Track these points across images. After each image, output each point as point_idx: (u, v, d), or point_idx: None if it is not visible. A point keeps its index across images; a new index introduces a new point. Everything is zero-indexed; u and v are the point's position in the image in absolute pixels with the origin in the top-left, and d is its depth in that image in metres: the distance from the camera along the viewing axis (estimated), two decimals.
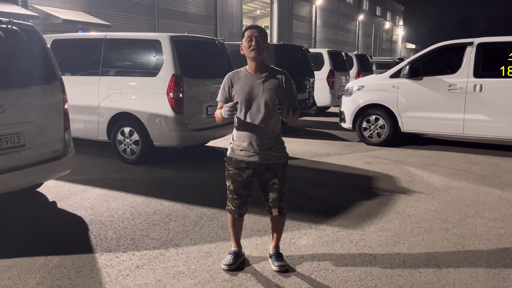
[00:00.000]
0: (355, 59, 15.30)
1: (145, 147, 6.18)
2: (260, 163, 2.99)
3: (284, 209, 3.12)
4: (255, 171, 3.03)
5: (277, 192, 3.06)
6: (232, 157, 3.05)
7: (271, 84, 2.94)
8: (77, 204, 4.52)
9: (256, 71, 2.98)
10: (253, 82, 2.95)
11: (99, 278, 3.02)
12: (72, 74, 6.57)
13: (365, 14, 52.55)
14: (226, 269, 3.15)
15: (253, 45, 2.89)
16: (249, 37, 2.91)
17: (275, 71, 3.01)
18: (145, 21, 20.07)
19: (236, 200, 3.10)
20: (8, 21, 3.95)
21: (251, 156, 2.98)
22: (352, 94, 8.17)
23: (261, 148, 2.96)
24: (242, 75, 3.00)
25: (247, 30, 2.96)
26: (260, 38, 2.91)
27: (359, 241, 3.69)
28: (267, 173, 3.03)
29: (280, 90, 2.95)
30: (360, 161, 6.72)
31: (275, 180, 3.04)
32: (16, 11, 12.36)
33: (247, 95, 2.93)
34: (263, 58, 2.97)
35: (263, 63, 2.99)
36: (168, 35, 6.13)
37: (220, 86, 3.09)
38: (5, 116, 3.78)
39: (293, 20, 34.69)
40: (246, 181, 3.06)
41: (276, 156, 3.02)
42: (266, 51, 2.96)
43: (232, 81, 3.00)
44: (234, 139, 3.06)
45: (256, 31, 2.92)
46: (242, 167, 3.02)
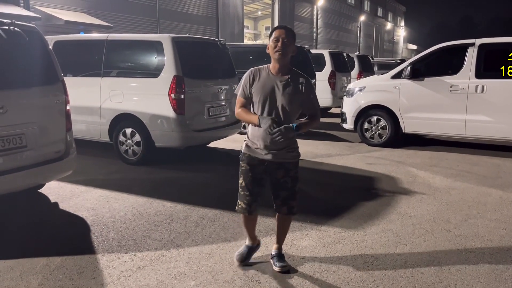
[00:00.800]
0: (356, 60, 15.30)
1: (146, 148, 6.18)
2: (273, 161, 3.01)
3: (294, 208, 3.13)
4: (267, 169, 3.05)
5: (288, 190, 3.08)
6: (245, 153, 3.07)
7: (291, 89, 2.93)
8: (79, 205, 4.53)
9: (278, 73, 2.96)
10: (274, 84, 2.94)
11: (101, 279, 3.02)
12: (74, 75, 6.57)
13: (366, 15, 52.55)
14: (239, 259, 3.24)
15: (278, 46, 2.88)
16: (276, 37, 2.90)
17: (298, 75, 3.00)
18: (146, 22, 20.11)
19: (247, 197, 3.08)
20: (10, 23, 3.97)
21: (265, 154, 3.00)
22: (354, 95, 8.16)
23: (274, 148, 2.97)
24: (264, 74, 2.98)
25: (275, 30, 2.95)
26: (287, 40, 2.89)
27: (361, 242, 3.69)
28: (279, 171, 3.05)
29: (299, 95, 2.95)
30: (361, 162, 6.71)
31: (287, 179, 3.05)
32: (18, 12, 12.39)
33: (266, 96, 2.93)
34: (287, 61, 2.95)
35: (287, 65, 2.98)
36: (170, 36, 6.14)
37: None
38: (7, 117, 3.79)
39: (294, 21, 34.68)
40: (258, 178, 3.07)
41: (288, 156, 3.04)
42: (292, 53, 2.95)
43: (254, 77, 2.98)
44: (250, 137, 3.07)
45: (284, 32, 2.91)
46: (254, 164, 3.05)
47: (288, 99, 2.92)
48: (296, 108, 3.00)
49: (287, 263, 3.22)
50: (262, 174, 3.07)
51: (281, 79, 2.95)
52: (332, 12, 42.50)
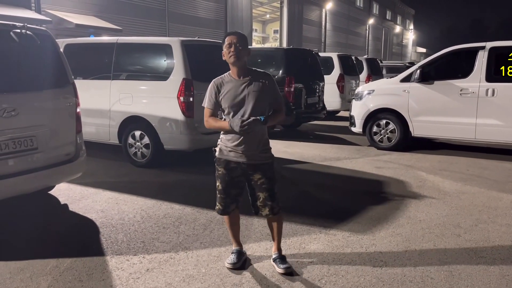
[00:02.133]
0: (365, 63, 15.25)
1: (155, 151, 6.21)
2: (248, 163, 3.06)
3: (275, 208, 3.14)
4: (243, 171, 3.10)
5: (266, 192, 3.09)
6: (221, 158, 3.14)
7: (255, 87, 3.01)
8: (88, 207, 4.56)
9: (239, 76, 3.05)
10: (238, 87, 3.02)
11: (109, 281, 3.04)
12: (84, 78, 6.63)
13: (375, 18, 52.40)
14: (231, 267, 3.22)
15: (232, 51, 2.97)
16: (229, 43, 2.99)
17: (258, 73, 3.09)
18: (156, 26, 20.24)
19: (225, 199, 3.19)
20: (22, 26, 4.02)
21: (239, 156, 3.06)
22: (362, 98, 8.14)
23: (248, 149, 3.04)
24: (227, 80, 3.07)
25: (227, 36, 3.04)
26: (239, 44, 2.98)
27: (370, 246, 3.67)
28: (256, 173, 3.08)
29: (265, 92, 3.02)
30: (370, 165, 6.68)
31: (264, 180, 3.08)
32: (29, 15, 12.54)
33: (234, 99, 3.01)
34: (244, 63, 3.03)
35: (244, 68, 3.05)
36: (179, 40, 6.17)
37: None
38: (18, 119, 3.83)
39: (302, 24, 34.69)
40: (235, 180, 3.14)
41: (262, 157, 3.09)
42: (246, 56, 3.03)
43: (218, 87, 3.07)
44: (222, 140, 3.14)
45: (235, 37, 3.00)
46: (231, 167, 3.12)
47: (255, 98, 2.99)
48: (266, 106, 3.06)
49: (290, 264, 3.21)
50: (239, 176, 3.13)
51: (244, 80, 3.03)
52: (340, 15, 42.44)
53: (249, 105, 2.99)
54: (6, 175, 3.77)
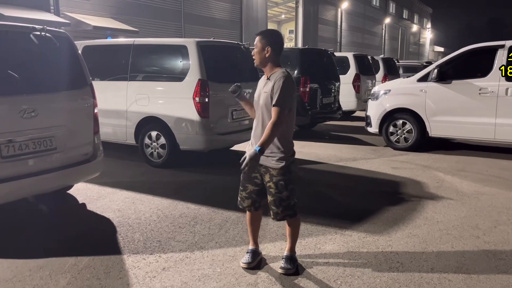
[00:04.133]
0: (381, 62, 15.10)
1: (171, 151, 6.26)
2: (260, 164, 3.04)
3: (279, 215, 3.09)
4: (258, 170, 3.11)
5: (272, 196, 3.07)
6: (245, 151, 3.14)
7: (266, 87, 3.02)
8: (106, 206, 4.62)
9: (266, 75, 3.09)
10: (261, 86, 3.10)
11: (126, 280, 3.08)
12: (101, 79, 6.73)
13: (391, 17, 51.84)
14: (245, 267, 3.23)
15: (252, 54, 3.07)
16: (255, 43, 3.06)
17: (275, 74, 2.99)
18: (171, 27, 20.40)
19: (241, 192, 3.22)
20: (42, 28, 4.10)
21: None
22: (379, 98, 8.06)
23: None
24: (261, 79, 3.17)
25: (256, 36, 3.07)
26: (257, 46, 3.02)
27: (386, 247, 3.64)
28: (266, 175, 3.08)
29: (271, 92, 2.95)
30: (386, 166, 6.62)
31: (271, 184, 3.06)
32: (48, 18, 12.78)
33: (255, 98, 3.12)
34: (265, 64, 3.03)
35: (270, 67, 3.04)
36: (195, 41, 6.21)
37: (246, 90, 3.24)
38: (38, 120, 3.91)
39: (318, 24, 34.54)
40: (251, 176, 3.15)
41: (271, 160, 3.02)
42: (267, 57, 3.00)
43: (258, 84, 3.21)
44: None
45: (257, 39, 3.04)
46: None
47: (264, 98, 3.00)
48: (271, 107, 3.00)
49: (294, 267, 3.18)
50: (255, 173, 3.14)
51: (264, 81, 3.09)
52: (356, 15, 42.12)
53: (261, 105, 3.03)
54: (26, 174, 3.85)
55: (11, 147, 3.73)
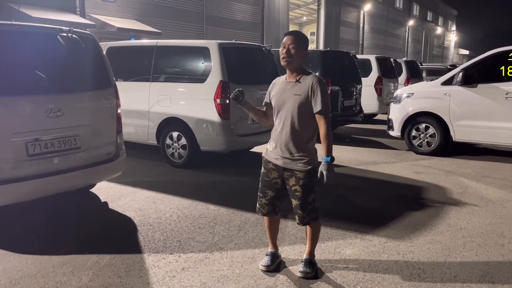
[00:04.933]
0: (404, 65, 14.89)
1: (192, 151, 6.31)
2: (284, 167, 3.02)
3: (305, 218, 3.06)
4: (280, 174, 3.07)
5: (298, 200, 3.03)
6: (264, 157, 3.17)
7: (298, 90, 2.95)
8: (127, 205, 4.69)
9: (290, 77, 3.03)
10: (285, 88, 3.01)
11: (147, 278, 3.11)
12: (125, 80, 6.83)
13: (415, 20, 51.06)
14: (264, 270, 3.22)
15: (284, 54, 2.94)
16: (283, 44, 2.95)
17: (307, 76, 2.96)
18: (194, 29, 20.57)
19: (261, 199, 3.19)
20: (69, 30, 4.19)
21: (276, 159, 3.05)
22: (401, 102, 7.95)
23: (284, 152, 3.01)
24: (280, 81, 3.10)
25: (284, 36, 3.00)
26: (293, 47, 2.92)
27: (407, 253, 3.58)
28: (291, 178, 3.03)
29: (306, 96, 2.92)
30: (408, 170, 6.52)
31: (297, 187, 3.02)
32: (74, 20, 13.06)
33: (278, 100, 3.02)
34: (296, 66, 2.97)
35: (297, 70, 2.99)
36: (217, 42, 6.25)
37: (266, 92, 3.20)
38: (63, 119, 3.99)
39: (340, 26, 34.32)
40: (272, 182, 3.12)
41: (298, 163, 3.00)
42: (301, 59, 2.96)
43: (272, 86, 3.14)
44: (269, 141, 3.17)
45: (290, 39, 2.94)
46: (269, 168, 3.11)
47: (295, 101, 2.93)
48: (305, 110, 2.93)
49: (313, 270, 3.15)
50: (276, 179, 3.09)
51: (291, 83, 3.00)
52: (379, 17, 41.66)
53: (289, 108, 2.95)
54: (51, 172, 3.94)
55: (37, 145, 3.82)
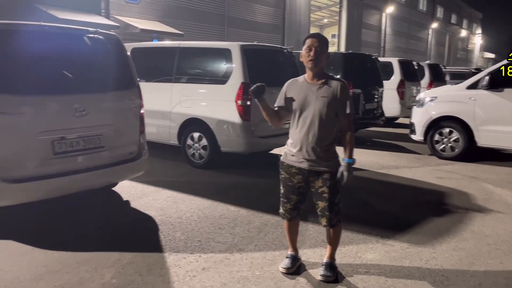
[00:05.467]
0: (427, 68, 14.65)
1: (212, 152, 6.35)
2: (310, 170, 3.00)
3: (334, 219, 3.06)
4: (304, 177, 3.04)
5: (326, 201, 3.01)
6: (284, 162, 3.13)
7: (325, 92, 2.95)
8: (148, 205, 4.74)
9: (313, 79, 3.01)
10: (308, 90, 2.99)
11: (167, 277, 3.14)
12: (147, 80, 6.91)
13: (439, 22, 50.20)
14: (284, 272, 3.21)
15: (311, 55, 2.93)
16: (309, 46, 2.95)
17: (332, 79, 3.00)
18: (215, 30, 20.70)
19: (286, 204, 3.16)
20: (95, 31, 4.28)
21: (301, 162, 3.02)
22: (424, 105, 7.83)
23: (310, 155, 2.98)
24: (299, 83, 3.07)
25: (308, 38, 2.99)
26: (320, 48, 2.93)
27: (430, 260, 3.51)
28: (317, 181, 3.02)
29: (334, 99, 2.94)
30: (431, 175, 6.41)
31: (324, 189, 3.00)
32: (99, 21, 13.29)
33: (301, 102, 2.99)
34: (321, 68, 2.98)
35: (321, 72, 3.00)
36: (238, 44, 6.27)
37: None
38: (88, 119, 4.07)
39: (362, 29, 34.01)
40: (296, 186, 3.09)
41: (325, 165, 2.99)
42: (325, 60, 2.97)
43: (288, 88, 3.10)
44: (288, 144, 3.13)
45: (317, 41, 2.94)
46: (292, 172, 3.07)
47: (322, 103, 2.93)
48: (332, 113, 2.95)
49: (333, 274, 3.13)
50: (300, 183, 3.07)
51: (315, 84, 2.98)
52: (401, 19, 41.13)
53: (314, 110, 2.95)
54: (75, 170, 4.01)
55: (63, 144, 3.90)
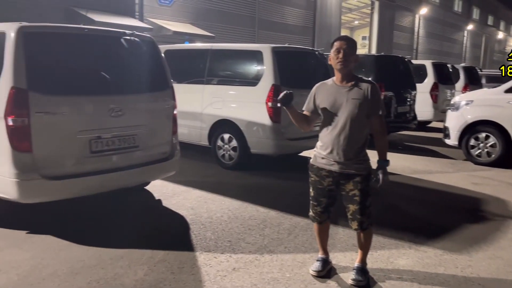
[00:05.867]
0: (462, 71, 14.24)
1: (242, 154, 6.38)
2: (341, 172, 2.98)
3: (365, 223, 3.02)
4: (335, 180, 3.03)
5: (357, 204, 2.98)
6: (314, 164, 3.12)
7: (355, 94, 2.93)
8: (180, 204, 4.81)
9: (342, 81, 3.00)
10: (338, 92, 2.98)
11: (199, 276, 3.18)
12: (179, 82, 7.00)
13: (475, 24, 48.78)
14: (315, 275, 3.20)
15: (340, 57, 2.92)
16: (338, 48, 2.94)
17: (362, 81, 2.99)
18: (245, 32, 20.82)
19: (316, 207, 3.15)
20: (131, 33, 4.39)
21: (331, 165, 3.00)
22: (459, 109, 7.62)
23: (341, 157, 2.96)
24: (328, 86, 3.06)
25: (336, 41, 2.98)
26: (348, 50, 2.92)
27: (466, 267, 3.42)
28: (347, 184, 2.99)
29: (364, 100, 2.92)
30: (466, 181, 6.23)
31: (355, 192, 2.97)
32: (133, 24, 13.60)
33: (331, 105, 2.98)
34: (350, 70, 2.97)
35: (350, 74, 2.99)
36: (270, 46, 6.29)
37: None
38: (123, 119, 4.17)
39: (393, 31, 33.44)
40: (326, 189, 3.08)
41: (356, 168, 2.97)
42: (354, 63, 2.96)
43: (317, 91, 3.09)
44: (318, 147, 3.12)
45: (345, 43, 2.93)
46: (322, 175, 3.06)
47: (353, 105, 2.91)
48: (362, 114, 2.93)
49: (365, 279, 3.09)
50: (330, 185, 3.05)
51: (345, 86, 2.97)
52: (435, 21, 40.18)
53: (345, 112, 2.93)
54: (110, 169, 4.12)
55: (99, 143, 4.01)
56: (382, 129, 3.03)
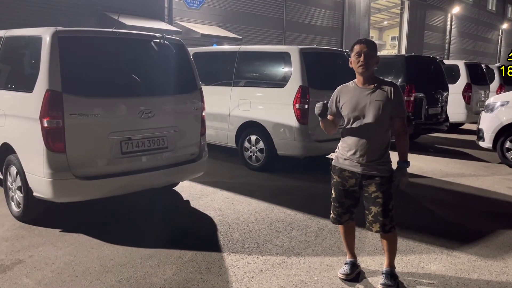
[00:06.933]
0: (497, 72, 13.81)
1: (269, 155, 6.38)
2: (363, 174, 2.96)
3: (387, 225, 2.97)
4: (358, 181, 3.01)
5: (380, 207, 2.94)
6: (336, 166, 3.11)
7: (378, 96, 2.91)
8: (207, 205, 4.85)
9: (364, 84, 2.98)
10: (360, 94, 2.96)
11: (226, 277, 3.19)
12: (207, 84, 7.08)
13: (510, 23, 47.17)
14: (343, 278, 3.17)
15: (361, 61, 2.91)
16: (358, 52, 2.93)
17: (384, 82, 2.98)
18: (273, 34, 20.82)
19: (337, 208, 3.13)
20: (161, 36, 4.46)
21: (354, 166, 2.98)
22: (494, 111, 7.38)
23: (364, 159, 2.95)
24: (350, 88, 3.04)
25: (356, 44, 2.97)
26: (369, 53, 2.91)
27: (501, 274, 3.30)
28: (370, 185, 2.96)
29: (387, 102, 2.91)
30: (501, 185, 6.02)
31: (378, 194, 2.94)
32: (162, 27, 13.83)
33: (354, 107, 2.96)
34: (371, 72, 2.95)
35: (372, 76, 2.98)
36: (298, 48, 6.27)
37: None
38: (153, 120, 4.25)
39: (424, 31, 32.72)
40: (349, 190, 3.06)
41: (379, 169, 2.95)
42: (375, 65, 2.95)
43: (339, 94, 3.08)
44: (340, 148, 3.11)
45: (365, 46, 2.92)
46: (345, 176, 3.04)
47: (377, 107, 2.89)
48: (386, 116, 2.92)
49: (395, 284, 3.02)
50: (353, 186, 3.03)
51: (367, 89, 2.95)
52: (468, 20, 39.07)
53: (369, 114, 2.92)
54: (140, 170, 4.20)
55: (130, 144, 4.10)
56: (403, 130, 3.01)
